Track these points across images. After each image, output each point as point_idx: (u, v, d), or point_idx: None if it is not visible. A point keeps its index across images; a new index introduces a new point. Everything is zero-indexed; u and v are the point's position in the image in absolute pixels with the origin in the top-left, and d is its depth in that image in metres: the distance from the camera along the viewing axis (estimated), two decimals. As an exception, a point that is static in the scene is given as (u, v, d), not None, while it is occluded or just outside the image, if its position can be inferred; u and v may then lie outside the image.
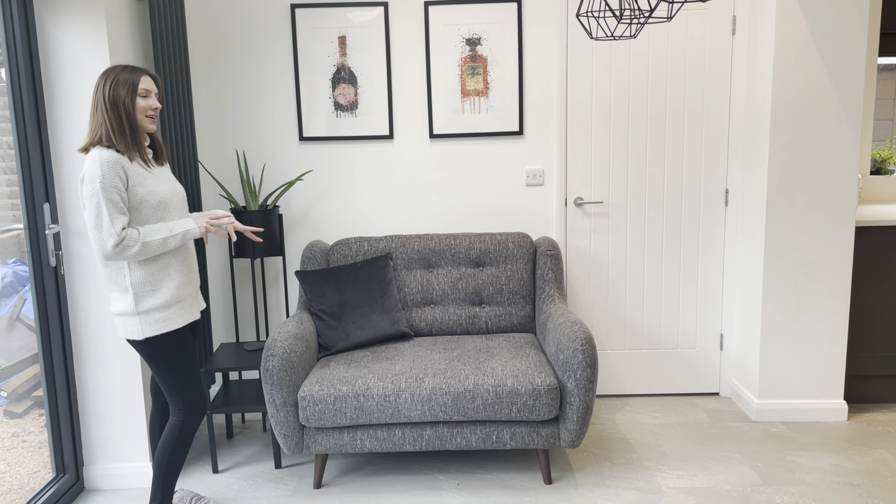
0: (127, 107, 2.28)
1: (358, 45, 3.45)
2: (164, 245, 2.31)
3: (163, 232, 2.31)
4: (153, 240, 2.28)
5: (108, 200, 2.22)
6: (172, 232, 2.33)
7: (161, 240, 2.30)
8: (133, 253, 2.25)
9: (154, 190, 2.33)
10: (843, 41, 3.12)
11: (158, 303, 2.35)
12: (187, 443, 2.49)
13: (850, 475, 2.88)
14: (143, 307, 2.33)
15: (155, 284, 2.35)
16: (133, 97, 2.29)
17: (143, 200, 2.31)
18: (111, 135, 2.28)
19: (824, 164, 3.21)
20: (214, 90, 3.50)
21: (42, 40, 2.66)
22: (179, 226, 2.35)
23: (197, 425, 2.50)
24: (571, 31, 3.45)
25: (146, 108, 2.31)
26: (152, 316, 2.34)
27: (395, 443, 2.78)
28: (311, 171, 3.53)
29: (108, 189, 2.22)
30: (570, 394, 2.70)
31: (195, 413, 2.47)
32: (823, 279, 3.29)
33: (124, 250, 2.24)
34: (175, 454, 2.48)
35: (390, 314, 3.19)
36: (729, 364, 3.69)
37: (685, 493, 2.77)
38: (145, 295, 2.34)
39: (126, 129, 2.29)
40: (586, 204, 3.58)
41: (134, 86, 2.29)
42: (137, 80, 2.29)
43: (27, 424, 3.42)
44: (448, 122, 3.52)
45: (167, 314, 2.37)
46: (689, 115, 3.50)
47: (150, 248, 2.28)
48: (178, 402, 2.44)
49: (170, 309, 2.37)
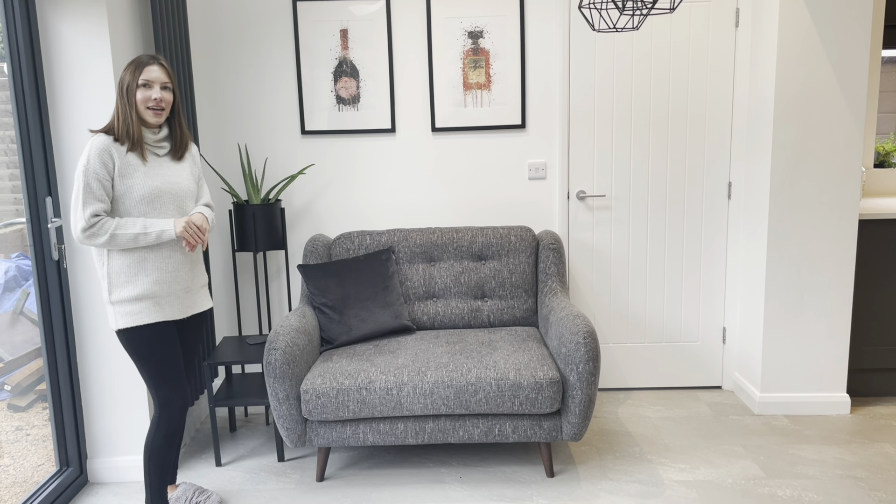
0: (130, 97, 2.30)
1: (360, 39, 3.45)
2: (135, 241, 2.30)
3: (137, 228, 2.30)
4: (124, 233, 2.28)
5: (86, 185, 2.24)
6: (146, 230, 2.31)
7: (132, 235, 2.29)
8: (102, 242, 2.27)
9: (140, 184, 2.32)
10: (847, 33, 3.10)
11: (130, 295, 2.34)
12: (170, 441, 2.49)
13: (853, 468, 2.88)
14: (115, 297, 2.34)
15: (129, 276, 2.34)
16: (134, 88, 2.29)
17: (126, 193, 2.31)
18: (116, 122, 2.31)
19: (828, 158, 3.20)
20: (216, 84, 3.50)
21: (44, 34, 2.66)
22: (156, 225, 2.33)
23: (175, 423, 2.48)
24: (574, 24, 3.43)
25: (145, 100, 2.30)
26: (124, 307, 2.35)
27: (398, 436, 2.78)
28: (313, 165, 3.53)
29: (89, 174, 2.24)
30: (573, 387, 2.70)
31: (169, 410, 2.46)
32: (826, 273, 3.28)
33: (92, 237, 2.26)
34: (156, 450, 2.48)
35: (392, 308, 3.19)
36: (731, 357, 3.69)
37: (687, 486, 2.77)
38: (119, 285, 2.34)
39: (130, 119, 2.31)
40: (589, 197, 3.57)
41: (135, 76, 2.29)
42: (140, 71, 2.30)
43: (31, 418, 3.43)
44: (450, 116, 3.51)
45: (138, 307, 2.35)
46: (692, 108, 3.49)
47: (118, 240, 2.28)
48: (154, 397, 2.46)
49: (142, 303, 2.36)
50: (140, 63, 2.31)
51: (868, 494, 2.68)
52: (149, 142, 2.37)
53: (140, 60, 2.32)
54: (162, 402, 2.46)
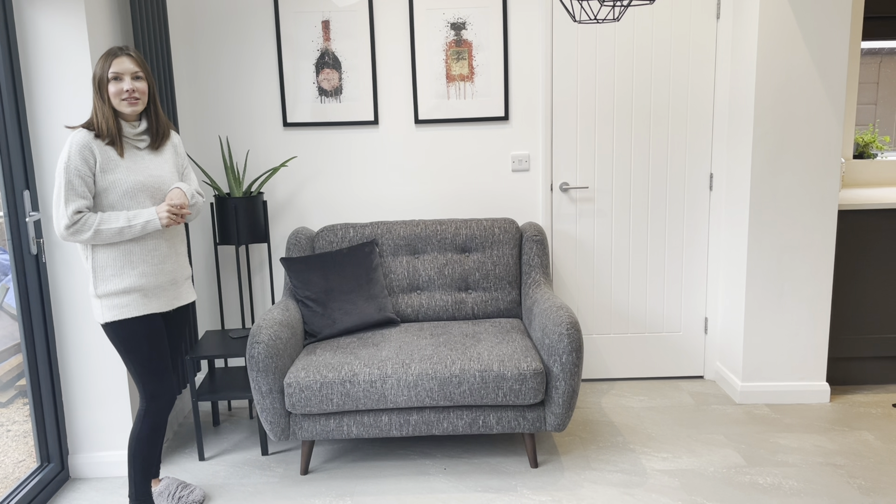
0: (103, 92, 2.28)
1: (342, 30, 3.42)
2: (120, 234, 2.29)
3: (121, 221, 2.29)
4: (108, 228, 2.27)
5: (68, 183, 2.22)
6: (131, 222, 2.30)
7: (117, 229, 2.28)
8: (86, 238, 2.25)
9: (121, 179, 2.31)
10: (827, 25, 3.13)
11: (117, 288, 2.33)
12: (155, 434, 2.49)
13: (833, 456, 2.91)
14: (101, 291, 2.33)
15: (116, 269, 2.33)
16: (105, 82, 2.27)
17: (109, 188, 2.30)
18: (95, 118, 2.29)
19: (808, 149, 3.22)
20: (197, 75, 3.47)
21: (20, 25, 2.61)
22: (139, 216, 2.32)
23: (162, 417, 2.48)
24: (556, 16, 3.43)
25: (118, 92, 2.28)
26: (111, 301, 2.33)
27: (382, 428, 2.78)
28: (295, 158, 3.51)
29: (70, 171, 2.22)
30: (556, 378, 2.71)
31: (157, 404, 2.46)
32: (806, 263, 3.31)
33: (77, 234, 2.24)
34: (141, 445, 2.48)
35: (376, 300, 3.19)
36: (713, 347, 3.72)
37: (670, 475, 2.80)
38: (105, 279, 2.33)
39: (108, 114, 2.29)
40: (572, 189, 3.58)
41: (105, 69, 2.27)
42: (109, 63, 2.27)
43: (11, 414, 3.40)
44: (433, 108, 3.50)
45: (126, 300, 2.34)
46: (674, 100, 3.50)
47: (103, 235, 2.27)
48: (141, 391, 2.45)
49: (129, 296, 2.35)
50: (109, 55, 2.28)
51: (847, 481, 2.71)
52: (128, 136, 2.35)
53: (109, 52, 2.29)
54: (149, 395, 2.44)
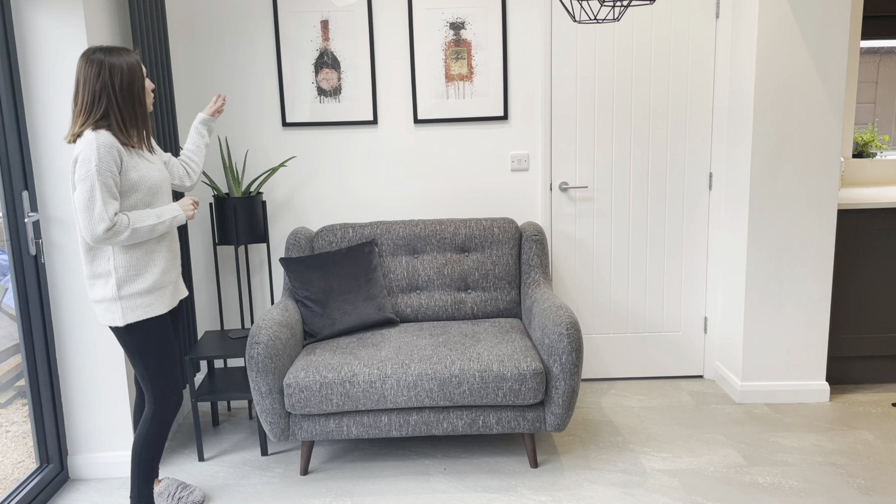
0: (139, 91, 2.27)
1: (341, 30, 3.42)
2: (152, 231, 2.31)
3: (151, 218, 2.30)
4: (142, 226, 2.27)
5: (103, 184, 2.19)
6: (161, 218, 2.33)
7: (150, 226, 2.29)
8: (122, 238, 2.24)
9: (147, 175, 2.32)
10: (827, 24, 3.12)
11: (141, 288, 2.33)
12: (161, 436, 2.48)
13: (832, 455, 2.91)
14: (125, 292, 2.31)
15: (139, 269, 2.33)
16: (143, 81, 2.29)
17: (136, 185, 2.29)
18: (121, 121, 2.25)
19: (807, 148, 3.22)
20: (195, 75, 3.46)
21: (18, 25, 2.61)
22: (167, 212, 2.35)
23: (171, 418, 2.48)
24: (555, 16, 3.43)
25: (149, 89, 2.34)
26: (134, 301, 2.33)
27: (382, 429, 2.78)
28: (294, 158, 3.51)
29: (104, 173, 2.19)
30: (556, 378, 2.71)
31: (169, 405, 2.46)
32: (806, 262, 3.31)
33: (114, 235, 2.22)
34: (148, 447, 2.47)
35: (376, 300, 3.18)
36: (713, 347, 3.72)
37: (670, 474, 2.80)
38: (129, 280, 2.32)
39: (138, 114, 2.29)
40: (571, 189, 3.58)
41: (142, 68, 2.28)
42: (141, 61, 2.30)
43: (10, 414, 3.39)
44: (432, 108, 3.50)
45: (149, 299, 2.35)
46: (673, 99, 3.50)
47: (138, 234, 2.27)
48: (153, 393, 2.43)
49: (152, 294, 2.36)
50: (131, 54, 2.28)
51: (847, 481, 2.71)
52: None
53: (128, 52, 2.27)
54: (158, 396, 2.43)
